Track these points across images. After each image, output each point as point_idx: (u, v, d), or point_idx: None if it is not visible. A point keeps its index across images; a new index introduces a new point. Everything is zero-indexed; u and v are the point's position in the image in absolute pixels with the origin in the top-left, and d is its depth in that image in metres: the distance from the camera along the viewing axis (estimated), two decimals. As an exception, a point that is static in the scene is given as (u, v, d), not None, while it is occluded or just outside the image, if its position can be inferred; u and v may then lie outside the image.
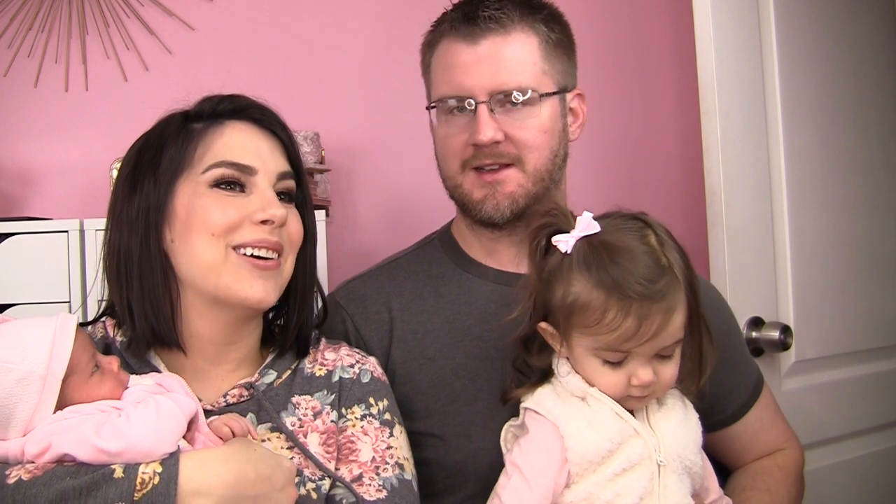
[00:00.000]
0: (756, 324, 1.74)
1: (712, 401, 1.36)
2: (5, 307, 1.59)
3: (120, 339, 1.15)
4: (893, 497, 1.95)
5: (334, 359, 1.21)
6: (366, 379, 1.20)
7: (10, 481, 0.88)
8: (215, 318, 1.13)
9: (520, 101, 1.26)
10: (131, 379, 1.04)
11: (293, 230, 1.16)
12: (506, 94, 1.26)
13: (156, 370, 1.12)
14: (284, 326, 1.21)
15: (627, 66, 2.18)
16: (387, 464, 1.13)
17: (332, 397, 1.17)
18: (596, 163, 2.11)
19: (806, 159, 1.85)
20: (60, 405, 0.96)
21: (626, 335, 1.06)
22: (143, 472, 0.89)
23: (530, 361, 1.19)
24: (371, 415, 1.17)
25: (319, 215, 1.42)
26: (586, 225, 1.12)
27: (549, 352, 1.18)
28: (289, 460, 1.04)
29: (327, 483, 1.09)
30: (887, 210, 2.03)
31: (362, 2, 2.09)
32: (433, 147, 1.39)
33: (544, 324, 1.15)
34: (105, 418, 0.94)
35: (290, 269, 1.16)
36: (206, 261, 1.09)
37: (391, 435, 1.17)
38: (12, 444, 0.94)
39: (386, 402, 1.20)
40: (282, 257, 1.13)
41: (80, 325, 1.04)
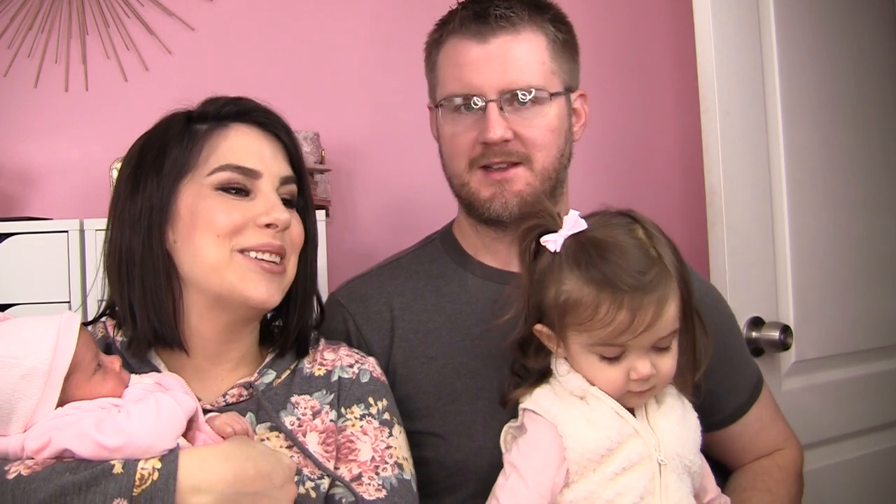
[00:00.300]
0: (756, 324, 1.74)
1: (712, 400, 1.36)
2: (5, 307, 1.59)
3: (120, 338, 1.15)
4: (893, 497, 1.95)
5: (333, 359, 1.21)
6: (365, 379, 1.20)
7: (10, 476, 0.89)
8: (216, 317, 1.13)
9: (528, 99, 1.26)
10: (132, 378, 1.04)
11: (295, 233, 1.16)
12: (515, 92, 1.26)
13: (156, 370, 1.12)
14: (284, 328, 1.21)
15: (627, 66, 2.18)
16: (386, 463, 1.13)
17: (332, 397, 1.17)
18: (596, 162, 2.11)
19: (806, 159, 1.85)
20: (61, 403, 0.96)
21: (621, 328, 1.06)
22: (143, 468, 0.89)
23: (528, 364, 1.19)
24: (370, 414, 1.17)
25: (319, 215, 1.42)
26: (573, 223, 1.13)
27: (546, 353, 1.18)
28: (288, 458, 1.04)
29: (326, 482, 1.09)
30: (887, 210, 2.02)
31: (362, 2, 2.09)
32: (434, 146, 1.39)
33: (540, 326, 1.15)
34: (105, 414, 0.94)
35: (292, 271, 1.16)
36: (211, 261, 1.09)
37: (390, 435, 1.17)
38: (12, 439, 0.94)
39: (385, 401, 1.20)
40: (284, 260, 1.14)
41: (82, 324, 1.04)
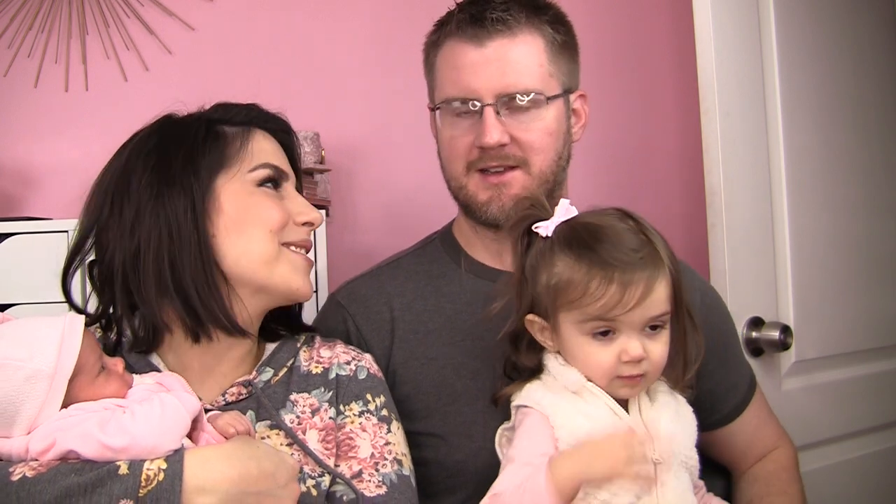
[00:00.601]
0: (756, 324, 1.74)
1: (712, 400, 1.38)
2: (5, 307, 1.59)
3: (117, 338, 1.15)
4: (893, 497, 1.95)
5: (330, 356, 1.22)
6: (362, 375, 1.21)
7: (15, 478, 0.89)
8: (255, 306, 1.16)
9: (525, 103, 1.26)
10: (134, 379, 1.04)
11: None
12: (512, 96, 1.26)
13: (156, 370, 1.12)
14: (287, 314, 1.25)
15: (627, 66, 2.18)
16: (385, 459, 1.14)
17: (330, 394, 1.17)
18: (596, 163, 2.11)
19: (806, 159, 1.85)
20: (65, 404, 0.96)
21: (612, 302, 1.06)
22: (148, 469, 0.89)
23: (519, 361, 1.18)
24: (369, 411, 1.18)
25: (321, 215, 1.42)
26: (565, 211, 1.14)
27: (538, 350, 1.18)
28: (291, 457, 1.05)
29: (327, 480, 1.10)
30: (887, 210, 2.02)
31: (362, 2, 2.09)
32: (434, 147, 1.39)
33: (531, 315, 1.15)
34: (110, 415, 0.94)
35: None
36: (263, 255, 1.13)
37: (389, 431, 1.18)
38: (16, 441, 0.94)
39: (383, 398, 1.21)
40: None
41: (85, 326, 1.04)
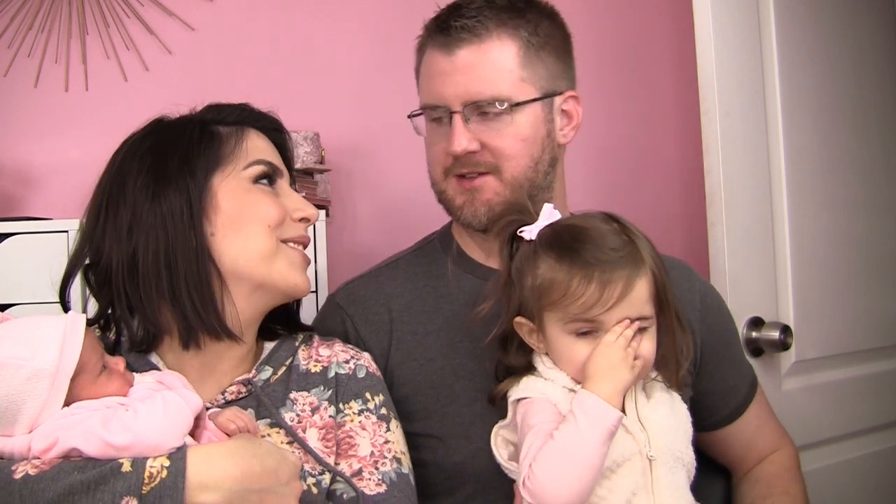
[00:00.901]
0: (756, 324, 1.74)
1: (713, 400, 1.39)
2: (5, 307, 1.59)
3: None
4: (893, 497, 1.95)
5: (329, 355, 1.22)
6: (361, 374, 1.21)
7: (17, 476, 0.89)
8: (254, 305, 1.16)
9: (493, 109, 1.26)
10: (135, 377, 1.04)
11: None
12: (479, 104, 1.26)
13: (156, 369, 1.12)
14: (286, 313, 1.25)
15: (627, 66, 2.18)
16: (385, 458, 1.15)
17: (329, 393, 1.18)
18: (596, 163, 2.11)
19: (806, 159, 1.85)
20: (67, 403, 0.96)
21: (591, 301, 1.07)
22: (151, 466, 0.89)
23: (509, 362, 1.19)
24: (368, 409, 1.18)
25: (319, 215, 1.42)
26: (548, 214, 1.16)
27: (528, 352, 1.18)
28: (294, 455, 1.05)
29: (328, 478, 1.10)
30: (887, 210, 2.03)
31: (362, 2, 2.09)
32: (428, 150, 1.40)
33: (519, 318, 1.16)
34: (112, 413, 0.94)
35: None
36: (262, 251, 1.13)
37: (388, 429, 1.18)
38: (18, 440, 0.94)
39: (382, 396, 1.21)
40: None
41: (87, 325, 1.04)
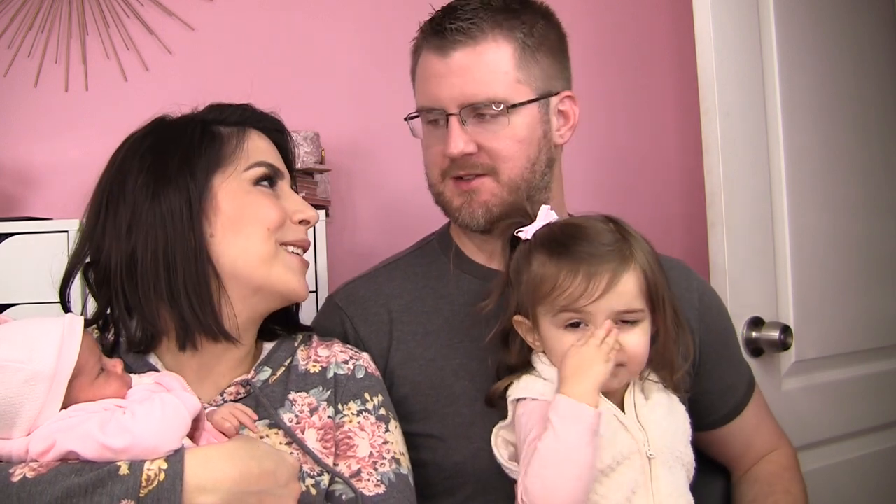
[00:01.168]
0: (756, 324, 1.74)
1: (711, 399, 1.39)
2: (5, 307, 1.59)
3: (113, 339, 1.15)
4: (893, 497, 1.95)
5: (328, 355, 1.22)
6: (360, 374, 1.21)
7: (15, 479, 0.88)
8: (251, 308, 1.16)
9: (489, 111, 1.26)
10: (133, 379, 1.04)
11: None
12: (475, 105, 1.26)
13: (154, 370, 1.12)
14: (285, 313, 1.25)
15: (627, 66, 2.18)
16: (384, 458, 1.15)
17: (328, 393, 1.18)
18: (596, 163, 2.11)
19: (806, 159, 1.85)
20: (65, 405, 0.96)
21: (577, 293, 1.09)
22: (149, 469, 0.89)
23: (509, 360, 1.20)
24: (367, 410, 1.18)
25: (320, 215, 1.42)
26: (545, 215, 1.18)
27: (528, 350, 1.19)
28: (292, 456, 1.05)
29: (326, 479, 1.10)
30: (887, 210, 2.03)
31: (362, 2, 2.09)
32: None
33: (518, 316, 1.17)
34: (110, 415, 0.94)
35: None
36: (261, 254, 1.13)
37: (387, 430, 1.18)
38: (16, 443, 0.94)
39: (381, 397, 1.21)
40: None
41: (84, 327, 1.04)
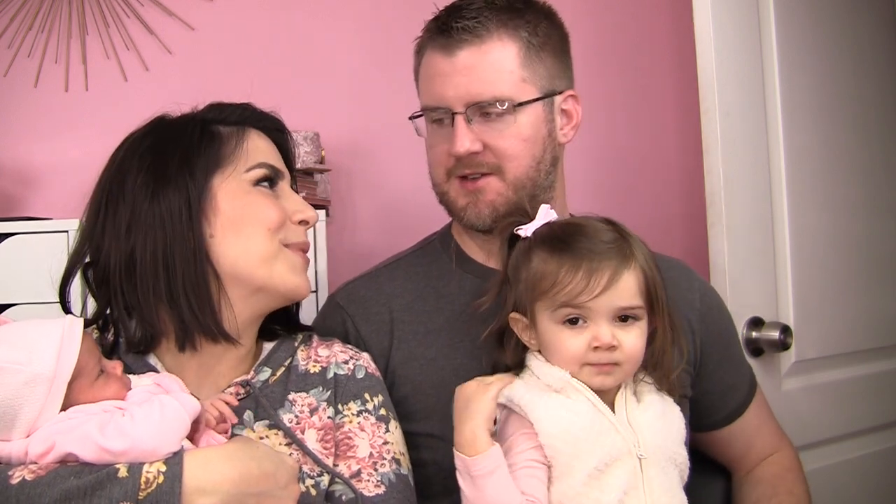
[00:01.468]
0: (756, 324, 1.74)
1: (713, 399, 1.40)
2: (5, 307, 1.58)
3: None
4: (893, 497, 1.95)
5: (328, 355, 1.22)
6: (360, 375, 1.21)
7: (14, 481, 0.89)
8: (251, 307, 1.15)
9: (495, 110, 1.26)
10: (132, 380, 1.04)
11: None
12: (481, 104, 1.26)
13: (154, 370, 1.12)
14: (285, 313, 1.25)
15: (627, 66, 2.18)
16: (384, 459, 1.15)
17: (328, 394, 1.18)
18: (596, 163, 2.11)
19: (806, 159, 1.85)
20: (64, 407, 0.96)
21: (578, 289, 1.09)
22: (148, 472, 0.89)
23: (504, 359, 1.19)
24: (367, 410, 1.18)
25: (320, 215, 1.42)
26: (545, 214, 1.18)
27: (523, 349, 1.19)
28: (291, 458, 1.05)
29: (326, 479, 1.10)
30: (887, 210, 2.02)
31: (362, 2, 2.09)
32: (429, 151, 1.40)
33: (514, 314, 1.17)
34: (109, 418, 0.94)
35: None
36: (263, 254, 1.13)
37: (387, 430, 1.18)
38: (16, 444, 0.94)
39: (381, 397, 1.21)
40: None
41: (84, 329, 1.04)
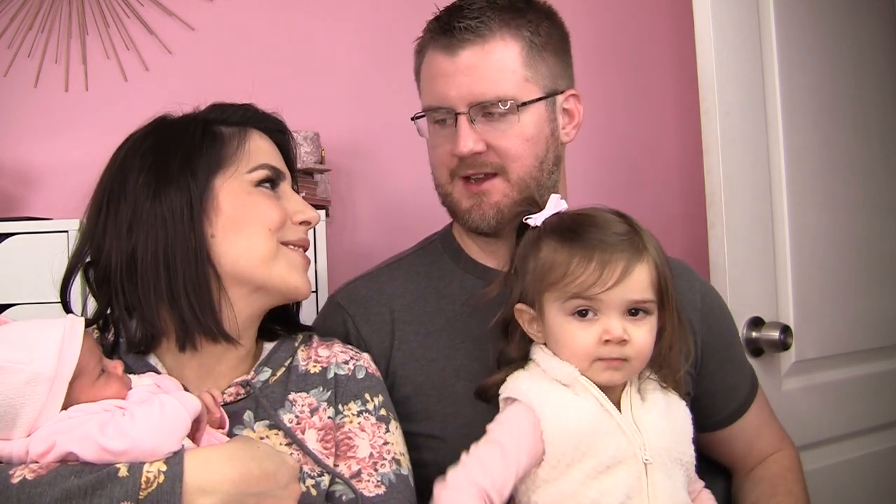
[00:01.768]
0: (756, 324, 1.74)
1: (714, 400, 1.40)
2: (5, 307, 1.59)
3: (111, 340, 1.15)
4: (893, 497, 1.95)
5: (328, 355, 1.22)
6: (360, 375, 1.21)
7: (15, 481, 0.88)
8: (251, 307, 1.16)
9: (498, 110, 1.26)
10: (132, 379, 1.04)
11: None
12: (484, 104, 1.26)
13: (154, 370, 1.12)
14: (285, 313, 1.25)
15: (627, 66, 2.18)
16: (384, 459, 1.15)
17: (328, 394, 1.18)
18: (596, 163, 2.11)
19: (806, 159, 1.85)
20: (65, 407, 0.96)
21: (591, 280, 1.08)
22: (148, 471, 0.89)
23: (509, 351, 1.19)
24: (367, 411, 1.18)
25: (320, 215, 1.42)
26: (555, 204, 1.17)
27: (528, 341, 1.18)
28: (292, 457, 1.05)
29: (326, 479, 1.10)
30: (887, 210, 2.02)
31: (362, 2, 2.09)
32: (429, 151, 1.40)
33: (521, 305, 1.16)
34: (109, 417, 0.94)
35: None
36: (263, 253, 1.13)
37: (387, 430, 1.18)
38: (17, 444, 0.94)
39: (381, 397, 1.21)
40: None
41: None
